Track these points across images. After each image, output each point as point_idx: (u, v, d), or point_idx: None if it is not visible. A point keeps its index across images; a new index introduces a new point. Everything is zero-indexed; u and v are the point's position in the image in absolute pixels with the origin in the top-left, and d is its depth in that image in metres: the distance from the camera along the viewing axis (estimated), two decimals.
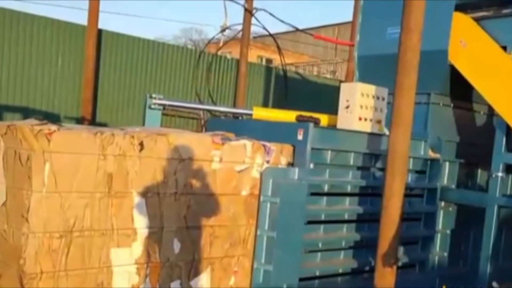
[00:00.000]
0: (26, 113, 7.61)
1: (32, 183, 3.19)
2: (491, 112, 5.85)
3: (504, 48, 5.05)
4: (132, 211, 3.60)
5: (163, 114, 5.56)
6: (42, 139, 3.20)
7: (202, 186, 3.94)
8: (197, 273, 3.98)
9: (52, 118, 7.69)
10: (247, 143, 4.20)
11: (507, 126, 4.91)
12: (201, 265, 4.00)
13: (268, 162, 4.29)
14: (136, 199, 3.62)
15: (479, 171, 5.98)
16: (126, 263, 3.60)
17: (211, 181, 3.99)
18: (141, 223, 3.65)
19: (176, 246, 3.84)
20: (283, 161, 4.40)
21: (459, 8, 5.29)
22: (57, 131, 3.25)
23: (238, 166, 4.14)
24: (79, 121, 7.96)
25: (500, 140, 4.98)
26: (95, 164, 3.41)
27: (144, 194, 3.65)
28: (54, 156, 3.23)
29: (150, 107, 5.19)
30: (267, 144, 4.30)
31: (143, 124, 5.28)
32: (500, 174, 4.95)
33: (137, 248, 3.64)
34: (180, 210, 3.84)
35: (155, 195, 3.70)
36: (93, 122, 8.08)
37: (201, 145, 3.93)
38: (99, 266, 3.47)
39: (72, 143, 3.31)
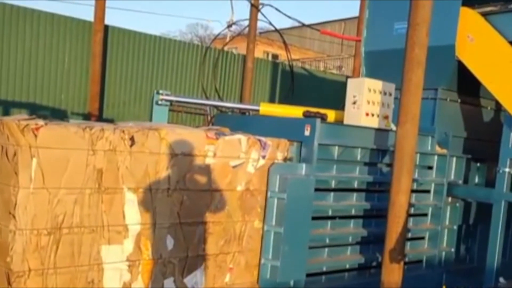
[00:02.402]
0: (33, 109, 7.65)
1: (18, 179, 3.13)
2: (498, 108, 5.83)
3: (511, 43, 5.02)
4: (123, 207, 3.53)
5: (170, 110, 5.58)
6: (28, 134, 3.13)
7: (196, 181, 3.88)
8: (191, 270, 3.92)
9: (59, 114, 7.74)
10: (242, 138, 4.13)
11: None
12: (195, 262, 3.94)
13: (264, 157, 4.24)
14: (127, 195, 3.54)
15: (486, 166, 5.96)
16: (117, 260, 3.53)
17: (205, 177, 3.93)
18: (132, 219, 3.58)
19: (169, 242, 3.79)
20: (280, 156, 4.36)
21: (466, 3, 5.26)
22: (44, 126, 3.19)
23: (232, 161, 4.07)
24: (86, 117, 7.99)
25: (508, 136, 4.96)
26: (84, 159, 3.34)
27: (136, 190, 3.59)
28: (41, 152, 3.17)
29: (157, 103, 5.21)
30: (263, 139, 4.25)
31: (150, 120, 5.30)
32: (507, 169, 4.94)
33: (129, 245, 3.57)
34: (173, 206, 3.78)
35: (147, 191, 3.64)
36: (100, 118, 8.12)
37: (195, 140, 3.86)
38: (89, 264, 3.41)
39: (59, 138, 3.25)
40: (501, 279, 5.21)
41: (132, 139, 3.54)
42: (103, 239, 3.46)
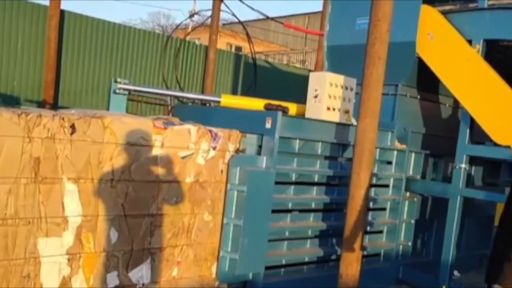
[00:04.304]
0: None
1: None
2: (456, 105, 5.95)
3: (470, 42, 5.12)
4: (63, 198, 3.39)
5: (129, 100, 5.42)
6: None
7: (142, 172, 3.75)
8: (136, 264, 3.79)
9: (11, 101, 7.41)
10: (192, 128, 4.02)
11: (471, 118, 5.00)
12: (141, 255, 3.81)
13: (214, 148, 4.14)
14: (67, 185, 3.39)
15: (444, 162, 6.09)
16: (56, 253, 3.38)
17: (152, 168, 3.80)
18: (72, 211, 3.43)
19: (113, 235, 3.66)
20: (231, 147, 4.27)
21: (427, 1, 5.33)
22: None
23: (181, 152, 3.96)
24: (40, 104, 7.69)
25: (464, 132, 5.07)
26: (20, 147, 3.17)
27: (76, 180, 3.43)
28: None
29: (115, 92, 5.04)
30: (214, 129, 4.16)
31: (108, 109, 5.13)
32: (463, 165, 5.05)
33: (68, 238, 3.43)
34: (117, 198, 3.64)
35: (88, 182, 3.49)
36: (55, 106, 7.84)
37: (141, 129, 3.73)
38: (25, 257, 3.25)
39: None
40: (456, 272, 5.35)
41: (72, 126, 3.39)
42: (40, 231, 3.31)
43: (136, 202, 3.75)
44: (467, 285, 5.15)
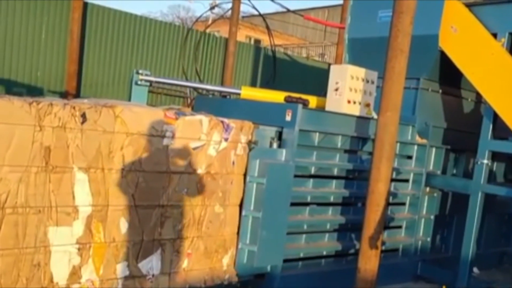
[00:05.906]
0: (8, 85, 7.43)
1: None
2: (478, 99, 5.86)
3: (495, 35, 5.03)
4: (73, 187, 3.37)
5: (149, 92, 5.45)
6: None
7: (152, 163, 3.72)
8: (146, 255, 3.77)
9: (35, 91, 7.53)
10: (204, 118, 3.97)
11: (494, 113, 4.92)
12: (151, 246, 3.80)
13: (226, 140, 4.10)
14: (78, 175, 3.38)
15: (465, 157, 6.01)
16: (66, 242, 3.38)
17: (162, 158, 3.77)
18: (83, 200, 3.42)
19: (123, 225, 3.63)
20: (243, 139, 4.22)
21: None
22: None
23: (193, 143, 3.92)
24: (63, 95, 7.80)
25: (487, 127, 5.00)
26: (31, 135, 3.16)
27: (87, 169, 3.41)
28: None
29: (136, 83, 5.07)
30: (226, 120, 4.12)
31: (129, 100, 5.17)
32: (485, 161, 4.98)
33: (79, 227, 3.42)
34: (128, 188, 3.62)
35: (99, 171, 3.48)
36: (77, 97, 7.94)
37: (152, 119, 3.69)
38: (35, 246, 3.25)
39: (3, 112, 3.06)
40: (475, 269, 5.29)
41: (83, 115, 3.37)
42: (50, 220, 3.31)
43: (147, 193, 3.74)
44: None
